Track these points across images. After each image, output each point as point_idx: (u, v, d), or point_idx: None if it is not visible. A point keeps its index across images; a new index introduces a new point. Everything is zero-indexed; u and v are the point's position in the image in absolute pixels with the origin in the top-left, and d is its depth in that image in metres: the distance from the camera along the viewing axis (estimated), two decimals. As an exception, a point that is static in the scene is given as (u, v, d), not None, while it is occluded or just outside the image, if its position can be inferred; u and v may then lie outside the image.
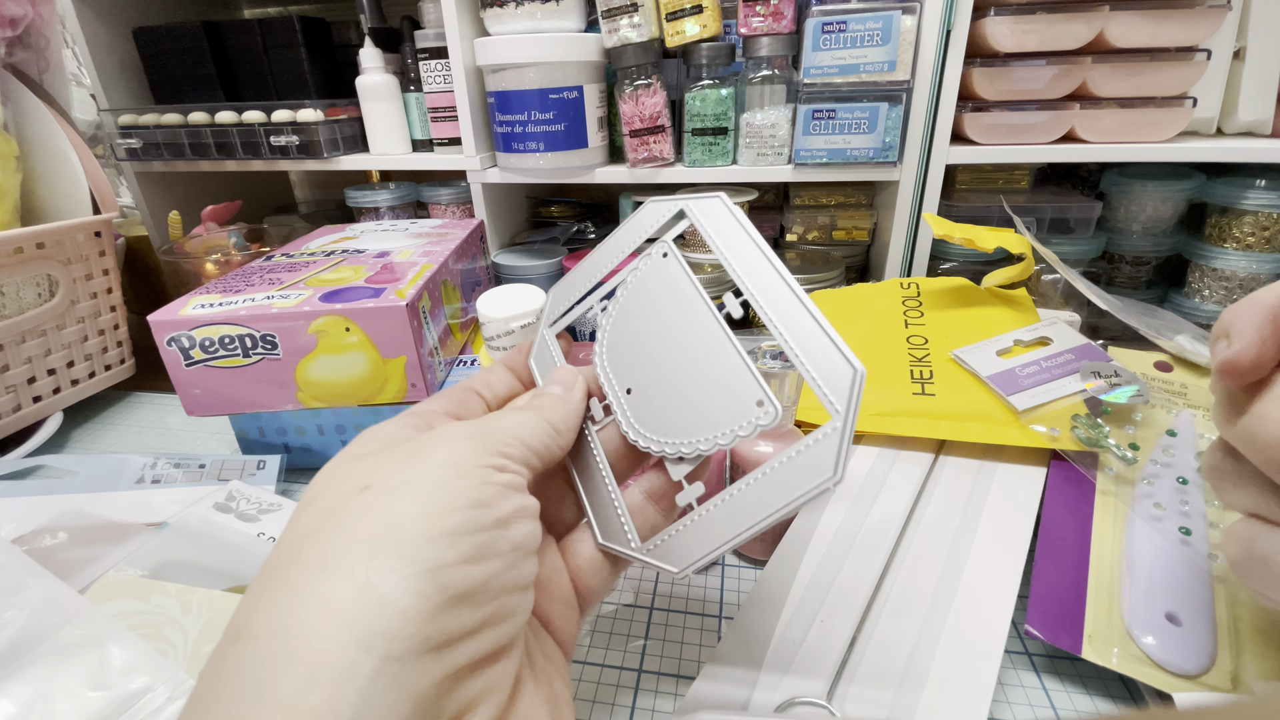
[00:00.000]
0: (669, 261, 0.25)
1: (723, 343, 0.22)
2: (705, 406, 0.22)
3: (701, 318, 0.23)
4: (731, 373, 0.22)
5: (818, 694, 0.25)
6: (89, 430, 0.53)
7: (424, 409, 0.23)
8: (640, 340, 0.24)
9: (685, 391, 0.23)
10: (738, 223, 0.24)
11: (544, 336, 0.27)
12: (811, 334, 0.21)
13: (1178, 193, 0.57)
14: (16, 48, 0.54)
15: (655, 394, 0.23)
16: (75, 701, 0.24)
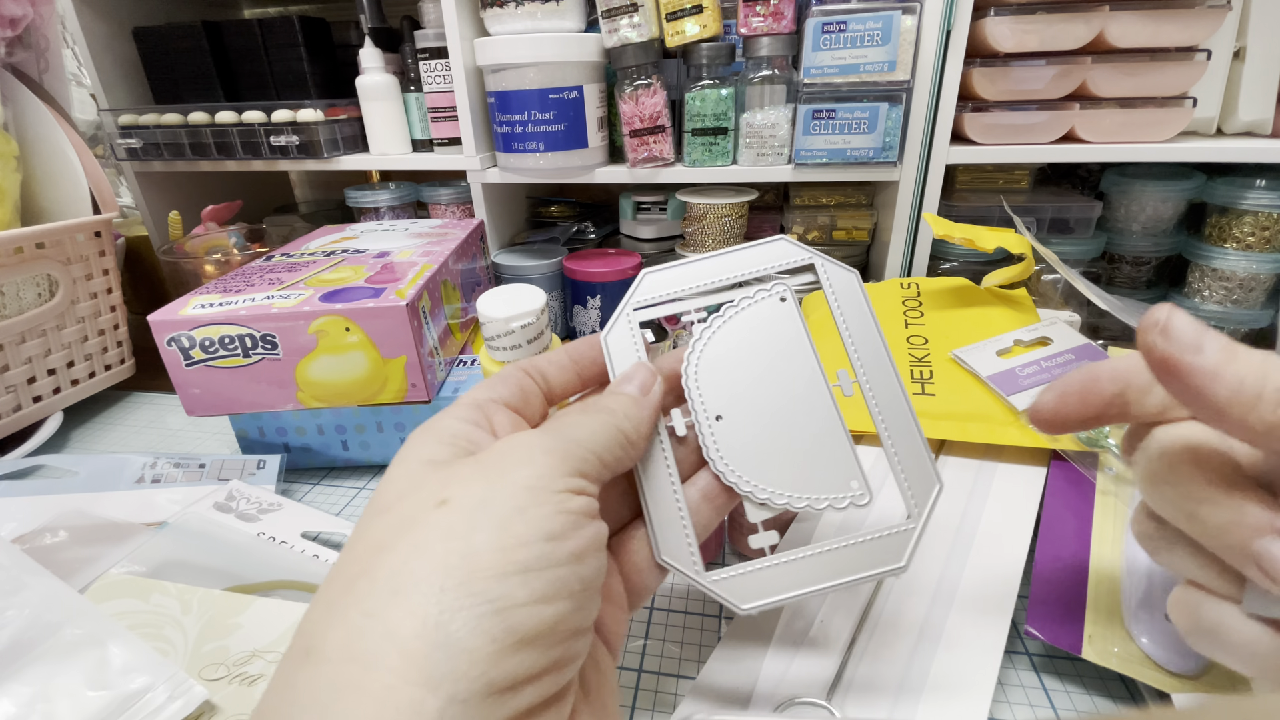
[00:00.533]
0: (788, 308, 0.25)
1: (830, 412, 0.24)
2: (802, 465, 0.23)
3: (813, 380, 0.24)
4: (835, 444, 0.23)
5: (818, 694, 0.25)
6: (89, 430, 0.53)
7: (483, 397, 0.23)
8: (740, 372, 0.24)
9: (782, 443, 0.23)
10: (865, 302, 0.25)
11: (627, 317, 0.26)
12: (910, 437, 0.23)
13: (1178, 193, 0.57)
14: (16, 48, 0.54)
15: (747, 431, 0.23)
16: (75, 701, 0.24)
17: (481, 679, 0.14)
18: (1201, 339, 0.18)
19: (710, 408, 0.24)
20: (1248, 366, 0.17)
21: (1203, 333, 0.18)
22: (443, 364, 0.45)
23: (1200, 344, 0.18)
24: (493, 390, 0.23)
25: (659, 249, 0.69)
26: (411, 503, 0.17)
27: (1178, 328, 0.18)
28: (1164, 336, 0.18)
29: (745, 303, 0.25)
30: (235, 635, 0.29)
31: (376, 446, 0.45)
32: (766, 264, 0.26)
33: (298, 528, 0.37)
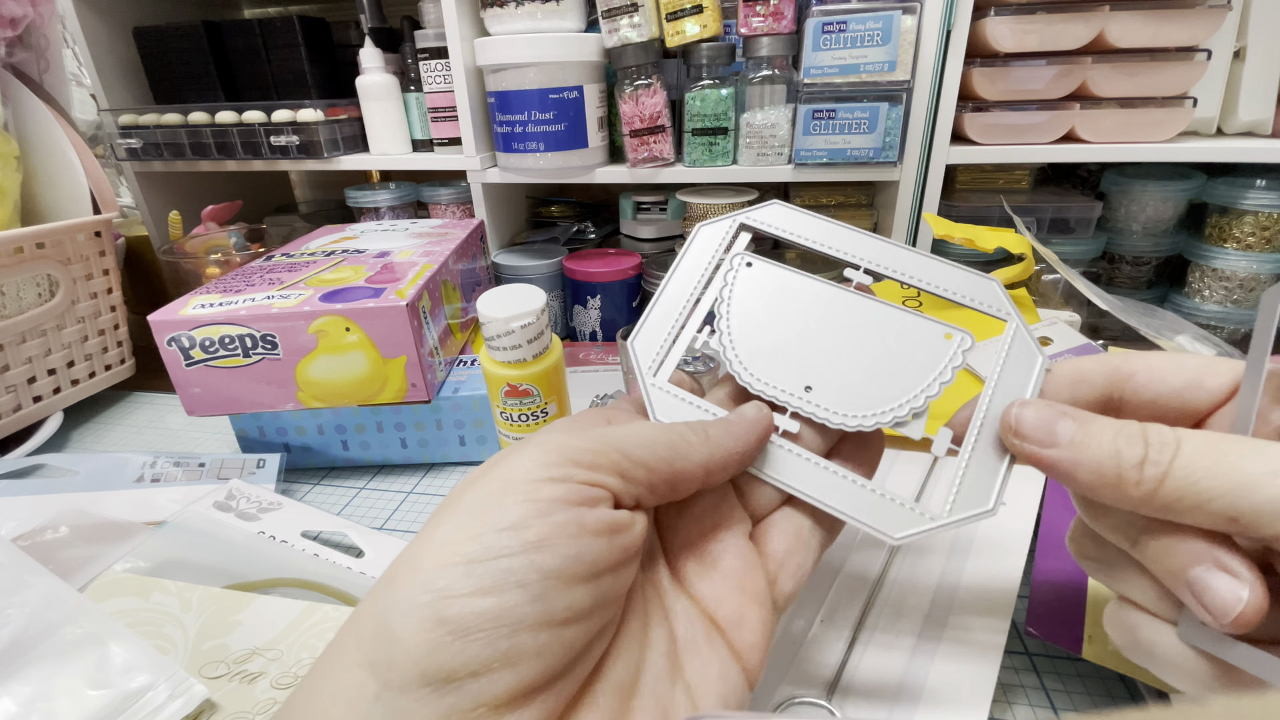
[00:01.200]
0: (763, 267, 0.24)
1: (874, 306, 0.23)
2: (906, 364, 0.23)
3: (840, 297, 0.24)
4: (906, 325, 0.23)
5: (818, 694, 0.25)
6: (89, 430, 0.53)
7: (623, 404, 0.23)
8: (786, 342, 0.23)
9: (875, 362, 0.23)
10: (807, 214, 0.24)
11: (652, 387, 0.23)
12: (947, 272, 0.23)
13: (1178, 193, 0.57)
14: (16, 48, 0.54)
15: (842, 379, 0.23)
16: (76, 700, 0.24)
17: (414, 669, 0.14)
18: (1053, 432, 0.18)
19: (793, 387, 0.23)
20: (1100, 448, 0.17)
21: (1054, 422, 0.19)
22: (443, 364, 0.45)
23: (1052, 437, 0.18)
24: None
25: (659, 249, 0.69)
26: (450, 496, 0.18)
27: (1028, 426, 0.19)
28: (1019, 438, 0.19)
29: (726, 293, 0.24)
30: (235, 633, 0.29)
31: (376, 446, 0.45)
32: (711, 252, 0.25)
33: (298, 527, 0.37)
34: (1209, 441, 0.17)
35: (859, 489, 0.22)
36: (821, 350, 0.23)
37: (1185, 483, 0.16)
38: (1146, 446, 0.17)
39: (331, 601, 0.31)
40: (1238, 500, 0.15)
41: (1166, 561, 0.17)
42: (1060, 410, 0.19)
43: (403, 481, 0.44)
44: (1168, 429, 0.17)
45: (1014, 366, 0.22)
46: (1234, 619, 0.16)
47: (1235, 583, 0.16)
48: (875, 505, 0.21)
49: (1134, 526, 0.18)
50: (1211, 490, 0.16)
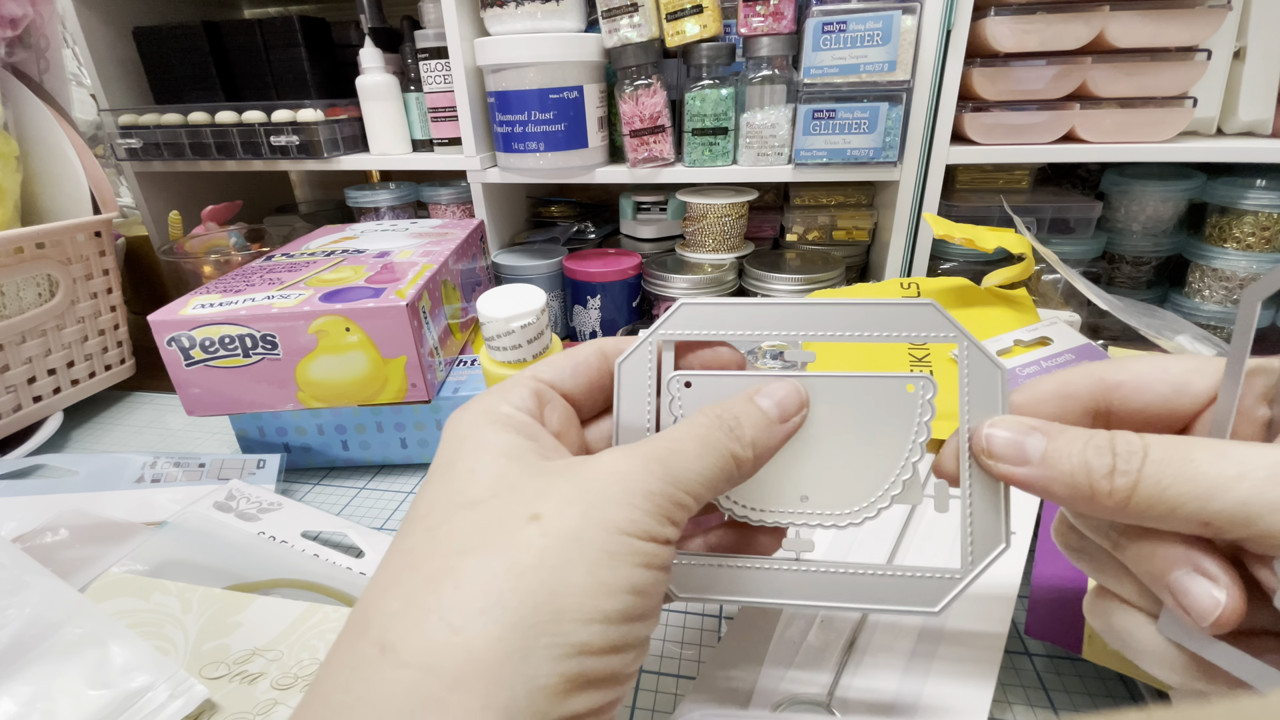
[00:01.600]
0: (702, 382, 0.23)
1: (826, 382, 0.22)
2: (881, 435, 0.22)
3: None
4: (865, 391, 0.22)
5: (818, 694, 0.25)
6: (89, 430, 0.53)
7: (540, 382, 0.22)
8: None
9: (852, 443, 0.22)
10: (718, 304, 0.23)
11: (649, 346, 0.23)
12: (879, 312, 0.22)
13: (1178, 193, 0.57)
14: (16, 48, 0.54)
15: (830, 475, 0.22)
16: (76, 700, 0.24)
17: (550, 715, 0.15)
18: (1023, 449, 0.19)
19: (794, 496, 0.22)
20: (1069, 462, 0.18)
21: (1023, 439, 0.19)
22: (443, 364, 0.45)
23: (1023, 455, 0.19)
24: (555, 374, 0.22)
25: (659, 249, 0.69)
26: (502, 507, 0.17)
27: (999, 446, 0.19)
28: (992, 459, 0.19)
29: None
30: (236, 634, 0.29)
31: (376, 446, 0.45)
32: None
33: (298, 527, 0.37)
34: (1176, 447, 0.17)
35: (878, 579, 0.21)
36: (799, 452, 0.22)
37: (1155, 490, 0.16)
38: (1114, 456, 0.17)
39: (332, 602, 0.31)
40: (1205, 505, 0.16)
41: (1146, 565, 0.18)
42: (1029, 425, 0.19)
43: (403, 481, 0.44)
44: (1135, 436, 0.17)
45: (978, 388, 0.21)
46: (1213, 621, 0.16)
47: (1213, 586, 0.16)
48: (900, 588, 0.21)
49: (1114, 529, 0.19)
50: (1180, 496, 0.16)
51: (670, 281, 0.60)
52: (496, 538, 0.16)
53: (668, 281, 0.60)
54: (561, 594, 0.16)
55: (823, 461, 0.22)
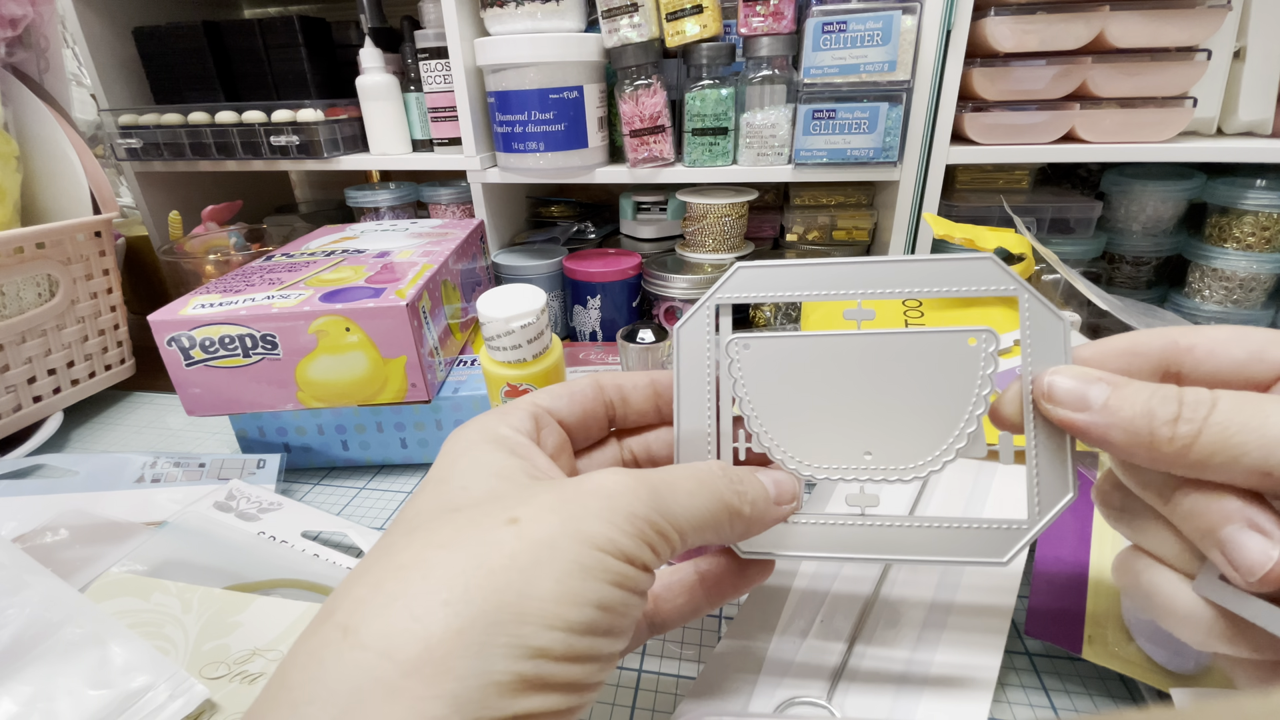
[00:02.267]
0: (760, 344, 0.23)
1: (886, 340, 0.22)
2: (945, 388, 0.22)
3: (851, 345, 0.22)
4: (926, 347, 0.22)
5: (818, 694, 0.25)
6: (89, 430, 0.53)
7: (541, 406, 0.22)
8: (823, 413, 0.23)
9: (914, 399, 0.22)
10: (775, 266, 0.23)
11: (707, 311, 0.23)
12: (939, 267, 0.22)
13: (1178, 193, 0.57)
14: (16, 48, 0.54)
15: (893, 430, 0.22)
16: (76, 700, 0.24)
17: (502, 711, 0.15)
18: (1086, 395, 0.19)
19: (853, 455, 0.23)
20: (1133, 408, 0.18)
21: (1086, 387, 0.19)
22: (443, 364, 0.45)
23: (1085, 400, 0.19)
24: (553, 401, 0.23)
25: (659, 249, 0.69)
26: (481, 510, 0.18)
27: (1061, 391, 0.19)
28: (1051, 402, 0.20)
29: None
30: (236, 634, 0.29)
31: (376, 446, 0.45)
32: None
33: (298, 527, 0.37)
34: (1246, 398, 0.17)
35: (944, 531, 0.22)
36: (860, 408, 0.22)
37: (1220, 438, 0.16)
38: (1180, 405, 0.17)
39: (332, 602, 0.31)
40: (1271, 455, 0.16)
41: (1198, 520, 0.18)
42: (1094, 375, 0.19)
43: (403, 481, 0.44)
44: (1205, 390, 0.17)
45: (1040, 340, 0.21)
46: (1262, 576, 0.16)
47: (1266, 542, 0.16)
48: (967, 539, 0.22)
49: (1168, 485, 0.19)
50: (1245, 445, 0.16)
51: (670, 281, 0.60)
52: (471, 536, 0.17)
53: (668, 281, 0.60)
54: (527, 596, 0.16)
55: (886, 416, 0.22)
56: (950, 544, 0.22)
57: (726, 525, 0.20)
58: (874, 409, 0.22)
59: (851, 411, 0.22)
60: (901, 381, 0.22)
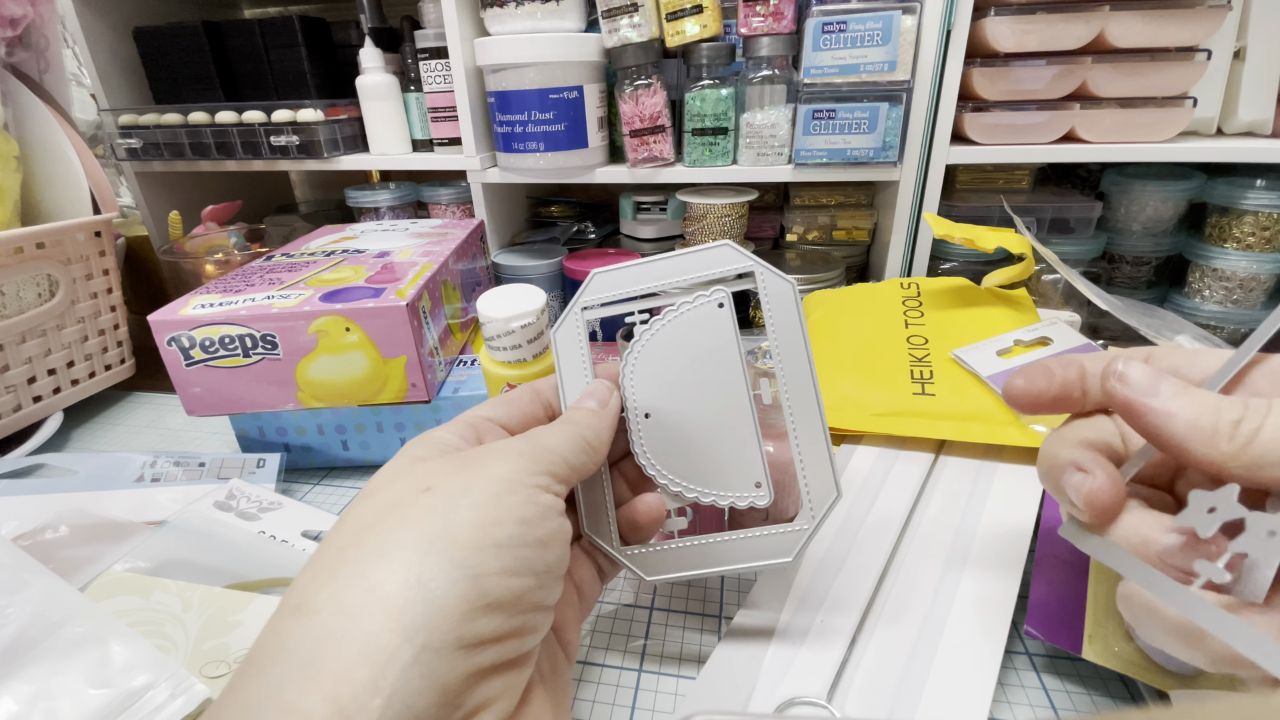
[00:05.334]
0: (724, 314, 0.26)
1: (746, 417, 0.25)
2: (712, 463, 0.25)
3: (735, 384, 0.26)
4: (745, 448, 0.25)
5: (818, 694, 0.25)
6: (89, 430, 0.53)
7: (479, 416, 0.25)
8: (671, 373, 0.26)
9: (698, 441, 0.25)
10: (798, 313, 0.26)
11: (575, 315, 0.27)
12: (818, 443, 0.25)
13: (1178, 193, 0.57)
14: (16, 48, 0.54)
15: (670, 429, 0.26)
16: (76, 699, 0.24)
17: (452, 633, 0.16)
18: (1158, 384, 0.20)
19: (640, 405, 0.26)
20: (1203, 405, 0.19)
21: (1159, 379, 0.20)
22: (443, 364, 0.45)
23: (1157, 389, 0.20)
24: (492, 410, 0.25)
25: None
26: (399, 488, 0.20)
27: (1134, 376, 0.21)
28: (1122, 383, 0.21)
29: (685, 307, 0.26)
30: (236, 633, 0.29)
31: (376, 446, 0.45)
32: (712, 269, 0.27)
33: (298, 526, 0.37)
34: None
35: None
36: (685, 402, 0.26)
37: (1274, 440, 0.18)
38: (1245, 409, 0.19)
39: (332, 601, 0.31)
40: None
41: None
42: (1165, 372, 0.21)
43: (403, 481, 0.44)
44: (1260, 400, 0.19)
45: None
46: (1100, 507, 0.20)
47: None
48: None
49: None
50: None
51: (670, 281, 0.60)
52: (394, 509, 0.19)
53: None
54: (451, 528, 0.17)
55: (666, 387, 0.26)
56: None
57: (587, 448, 0.23)
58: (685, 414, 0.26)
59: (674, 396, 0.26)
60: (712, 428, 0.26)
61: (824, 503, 0.25)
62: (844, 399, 0.39)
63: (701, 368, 0.26)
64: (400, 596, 0.16)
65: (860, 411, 0.38)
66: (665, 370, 0.26)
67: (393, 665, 0.15)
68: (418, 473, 0.20)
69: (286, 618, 0.17)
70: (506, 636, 0.17)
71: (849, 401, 0.39)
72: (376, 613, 0.16)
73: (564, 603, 0.23)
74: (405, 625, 0.16)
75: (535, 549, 0.19)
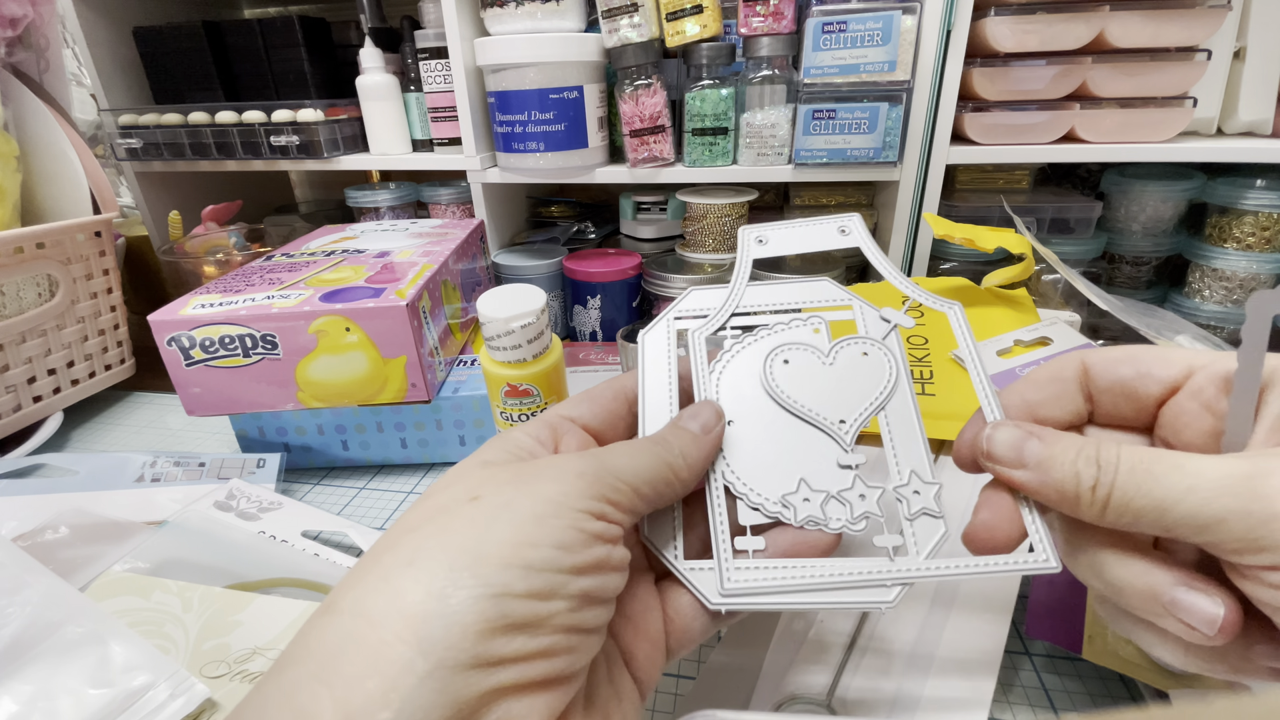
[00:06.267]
0: (820, 339, 0.26)
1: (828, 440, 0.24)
2: (793, 481, 0.23)
3: None
4: None
5: (818, 694, 0.25)
6: (89, 430, 0.53)
7: (560, 415, 0.24)
8: (760, 386, 0.25)
9: (786, 458, 0.23)
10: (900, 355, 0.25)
11: (667, 324, 0.26)
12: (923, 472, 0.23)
13: (1178, 193, 0.57)
14: (17, 48, 0.54)
15: (755, 440, 0.24)
16: (77, 699, 0.24)
17: (469, 651, 0.16)
18: (1021, 453, 0.20)
19: (725, 413, 0.24)
20: (1061, 470, 0.19)
21: (1022, 444, 0.20)
22: (443, 364, 0.45)
23: (1021, 458, 0.20)
24: (574, 409, 0.24)
25: (659, 249, 0.69)
26: (450, 494, 0.19)
27: (999, 448, 0.20)
28: (990, 460, 0.21)
29: (780, 327, 0.26)
30: (236, 633, 0.29)
31: (376, 446, 0.45)
32: (812, 298, 0.26)
33: (298, 526, 0.37)
34: (1140, 459, 0.18)
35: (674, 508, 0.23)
36: (771, 416, 0.24)
37: (1123, 502, 0.18)
38: (1099, 469, 0.18)
39: (332, 601, 0.31)
40: (1162, 516, 0.17)
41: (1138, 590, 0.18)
42: (1028, 431, 0.20)
43: (403, 481, 0.44)
44: (1113, 448, 0.18)
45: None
46: (1219, 629, 0.17)
47: (1209, 599, 0.17)
48: (664, 526, 0.23)
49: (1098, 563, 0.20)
50: (1142, 509, 0.17)
51: (670, 281, 0.60)
52: (435, 516, 0.18)
53: (668, 281, 0.60)
54: (484, 543, 0.17)
55: (754, 399, 0.24)
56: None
57: (673, 477, 0.21)
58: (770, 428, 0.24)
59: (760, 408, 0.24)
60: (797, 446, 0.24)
61: (929, 542, 0.22)
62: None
63: None
64: (420, 608, 0.16)
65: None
66: (755, 383, 0.25)
67: (405, 678, 0.15)
68: (475, 479, 0.19)
69: (318, 617, 0.17)
70: (532, 657, 0.17)
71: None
72: (394, 622, 0.16)
73: (639, 630, 0.22)
74: (421, 638, 0.15)
75: (568, 575, 0.18)
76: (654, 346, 0.26)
